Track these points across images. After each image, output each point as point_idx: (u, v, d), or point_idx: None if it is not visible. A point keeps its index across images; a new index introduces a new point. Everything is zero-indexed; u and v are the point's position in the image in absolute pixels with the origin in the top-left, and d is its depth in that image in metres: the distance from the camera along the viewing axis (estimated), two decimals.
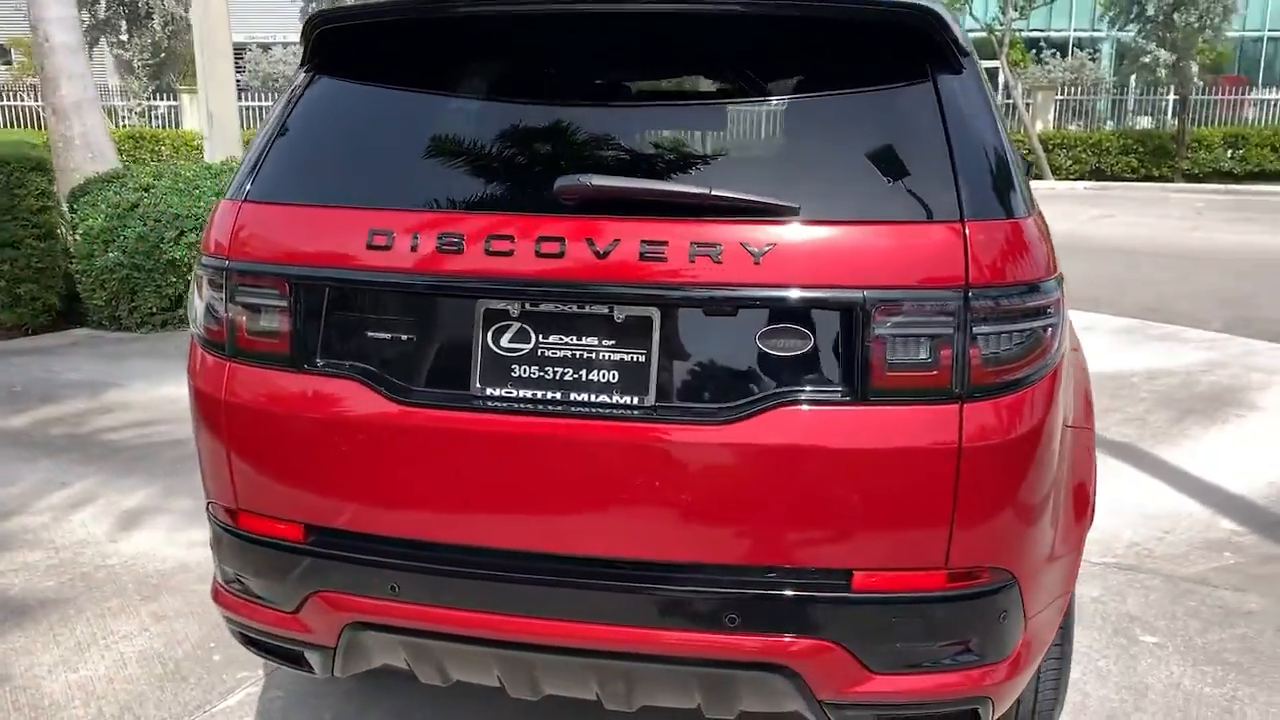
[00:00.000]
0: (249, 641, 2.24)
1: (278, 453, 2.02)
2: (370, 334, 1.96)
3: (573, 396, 1.86)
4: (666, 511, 1.84)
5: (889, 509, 1.82)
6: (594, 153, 1.95)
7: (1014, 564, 1.90)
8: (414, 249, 1.89)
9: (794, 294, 1.78)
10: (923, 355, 1.79)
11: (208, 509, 2.21)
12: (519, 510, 1.91)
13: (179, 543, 3.82)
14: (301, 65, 2.19)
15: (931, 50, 1.91)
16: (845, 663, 1.85)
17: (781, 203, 1.81)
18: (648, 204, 1.84)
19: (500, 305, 1.88)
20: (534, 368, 1.88)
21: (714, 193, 1.81)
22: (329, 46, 2.15)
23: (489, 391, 1.88)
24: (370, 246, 1.92)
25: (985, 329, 1.79)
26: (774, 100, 2.02)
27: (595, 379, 1.85)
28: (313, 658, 2.13)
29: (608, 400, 1.85)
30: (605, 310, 1.84)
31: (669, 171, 1.92)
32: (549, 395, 1.87)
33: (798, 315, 1.80)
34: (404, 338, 1.94)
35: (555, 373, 1.87)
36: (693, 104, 2.06)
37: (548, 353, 1.87)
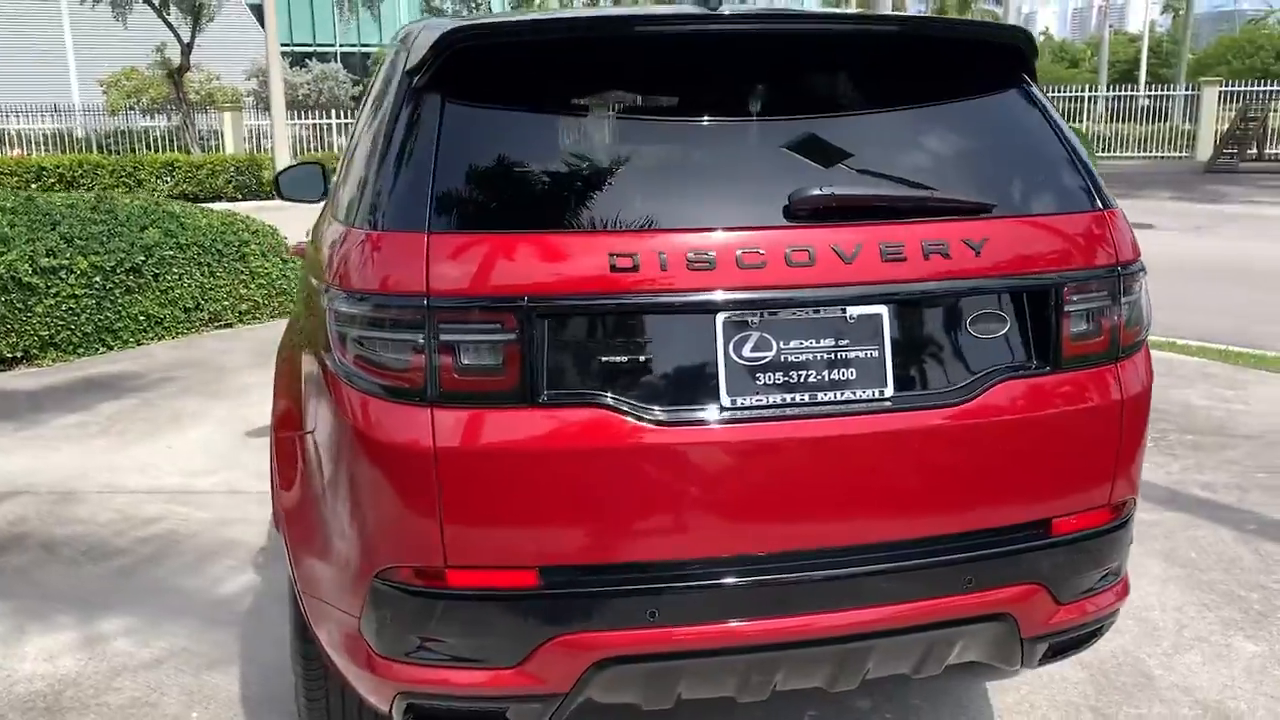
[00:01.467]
0: (427, 714, 2.05)
1: (507, 496, 1.89)
2: (607, 358, 1.90)
3: (818, 397, 1.95)
4: (911, 492, 2.00)
5: (1077, 459, 2.12)
6: (809, 165, 2.04)
7: (1136, 493, 2.28)
8: (661, 268, 1.88)
9: (1006, 281, 2.03)
10: (1093, 325, 2.10)
11: (374, 577, 1.98)
12: (771, 513, 1.96)
13: (32, 656, 3.20)
14: (429, 85, 2.04)
15: (1029, 66, 2.24)
16: (1045, 600, 2.13)
17: (982, 200, 2.05)
18: (874, 209, 1.99)
19: (741, 316, 1.92)
20: (777, 374, 1.94)
21: (935, 195, 2.00)
22: (475, 65, 2.03)
23: (737, 402, 1.92)
24: (614, 269, 1.87)
25: (1127, 299, 2.15)
26: (929, 110, 2.23)
27: (836, 378, 1.96)
28: (524, 713, 2.01)
29: (851, 396, 1.96)
30: (839, 312, 1.96)
31: (877, 179, 2.07)
32: (794, 398, 1.94)
33: (1008, 299, 2.05)
34: (640, 359, 1.91)
35: (797, 376, 1.95)
36: (872, 115, 2.21)
37: (789, 358, 1.95)
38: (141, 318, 7.08)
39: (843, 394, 1.96)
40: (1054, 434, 2.08)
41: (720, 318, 1.91)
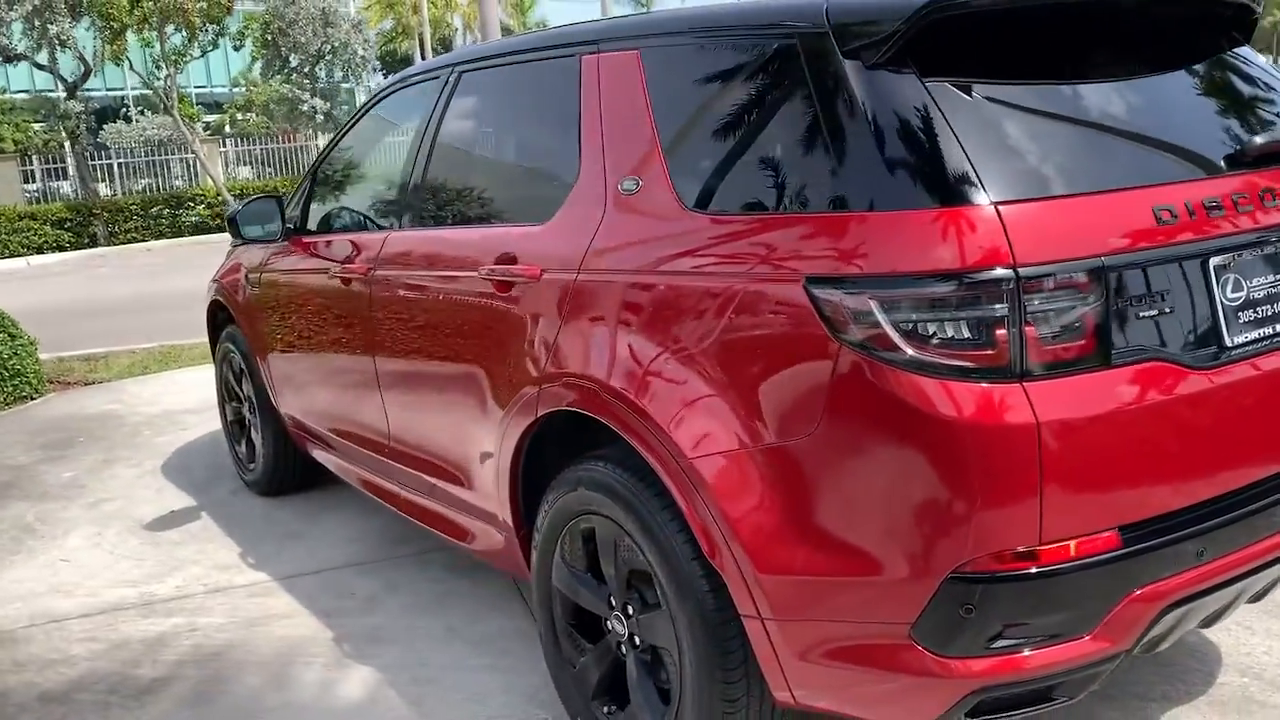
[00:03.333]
0: (991, 708, 1.98)
1: (1095, 461, 1.88)
2: (1154, 312, 1.95)
3: None
4: None
5: None
6: (1248, 113, 2.20)
7: None
8: (1190, 216, 1.98)
9: None
10: None
11: (949, 574, 1.88)
12: (1273, 438, 2.10)
13: None
14: (899, 60, 1.96)
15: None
16: None
17: None
18: None
19: (1233, 259, 2.05)
20: (1260, 310, 2.09)
21: None
22: (933, 37, 1.98)
23: (1236, 340, 2.05)
24: (1159, 222, 1.94)
25: None
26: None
27: None
28: (1083, 680, 2.01)
29: None
30: None
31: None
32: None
33: None
34: (1176, 308, 1.98)
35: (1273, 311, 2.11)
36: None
37: (1262, 295, 2.10)
38: None
39: None
40: None
41: (1215, 261, 2.03)
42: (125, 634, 3.48)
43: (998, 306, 1.81)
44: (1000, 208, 1.84)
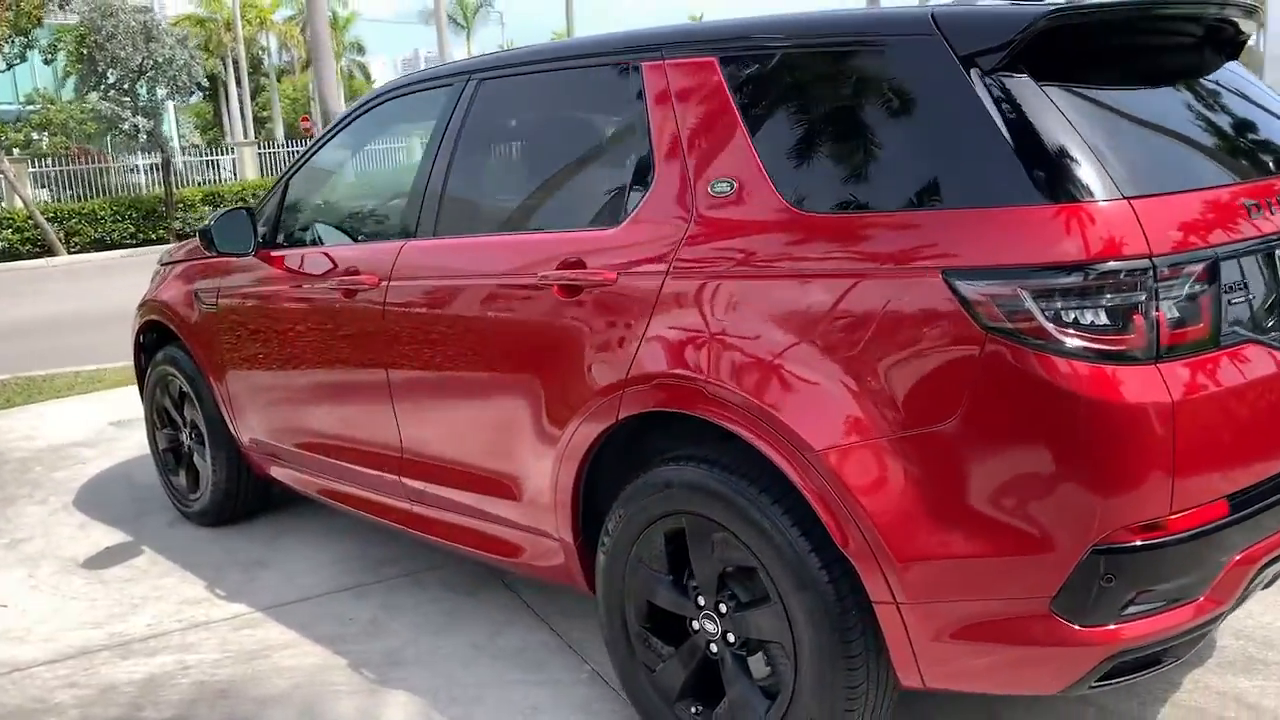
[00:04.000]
0: (1120, 671, 2.11)
1: (1214, 435, 2.04)
2: (1248, 297, 2.13)
3: None
4: None
5: None
6: None
7: None
8: (1270, 212, 2.17)
9: None
10: None
11: (1090, 548, 1.99)
12: None
13: None
14: (1014, 66, 2.09)
15: None
16: None
17: None
18: None
19: None
20: None
21: None
22: (1045, 44, 2.11)
23: None
24: (1250, 215, 2.13)
25: None
26: None
27: None
28: (1189, 642, 2.17)
29: None
30: None
31: None
32: None
33: None
34: (1258, 295, 2.17)
35: None
36: None
37: None
38: None
39: None
40: None
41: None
42: (110, 677, 3.24)
43: (1138, 294, 1.94)
44: (1133, 202, 1.98)
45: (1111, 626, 2.03)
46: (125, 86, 20.17)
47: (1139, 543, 2.00)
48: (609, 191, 2.76)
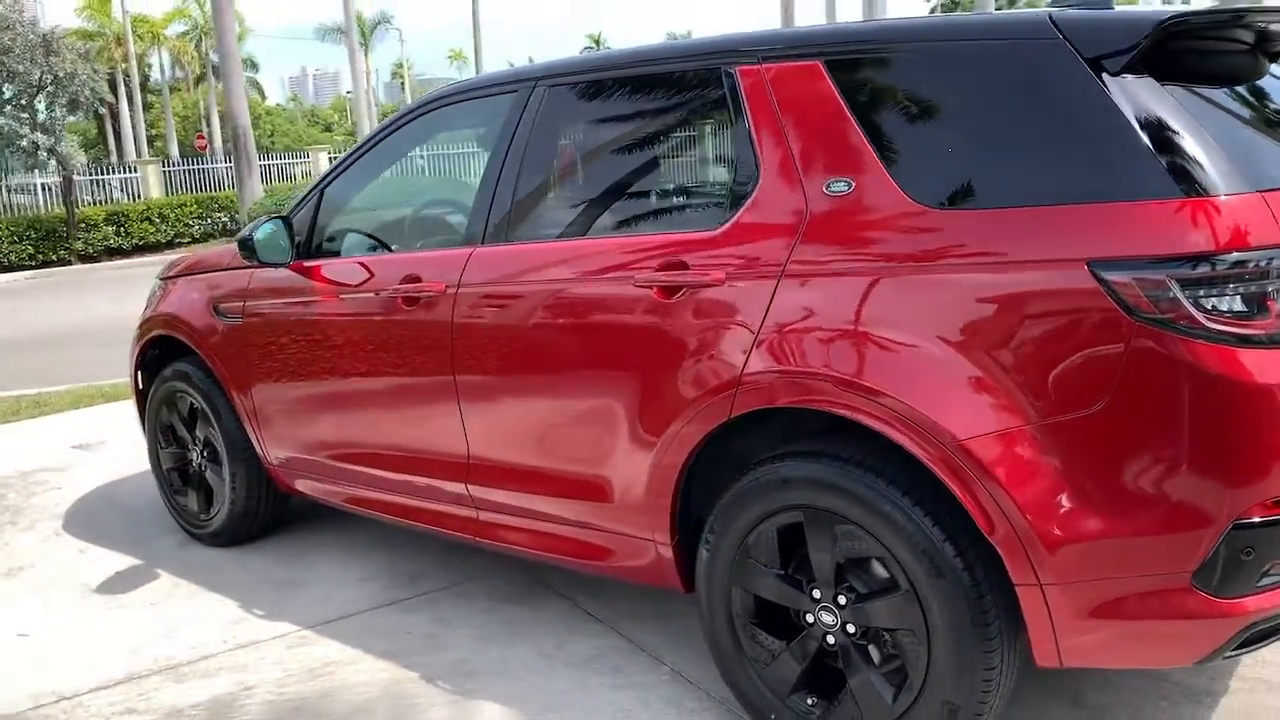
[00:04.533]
0: (1252, 640, 2.22)
1: None
2: None
3: None
4: None
5: None
6: None
7: None
8: None
9: None
10: None
11: (1232, 523, 2.10)
12: None
13: None
14: (1136, 68, 2.21)
15: None
16: None
17: None
18: None
19: None
20: None
21: None
22: (1169, 46, 2.23)
23: None
24: None
25: None
26: None
27: None
28: None
29: None
30: None
31: None
32: None
33: None
34: None
35: None
36: None
37: None
38: None
39: None
40: None
41: None
42: (170, 702, 3.13)
43: (1275, 280, 2.07)
44: (1265, 195, 2.11)
45: (1248, 598, 2.15)
46: (23, 102, 19.37)
47: (1269, 519, 2.11)
48: (703, 194, 2.81)
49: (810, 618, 2.59)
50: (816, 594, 2.56)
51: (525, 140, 3.13)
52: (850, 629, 2.53)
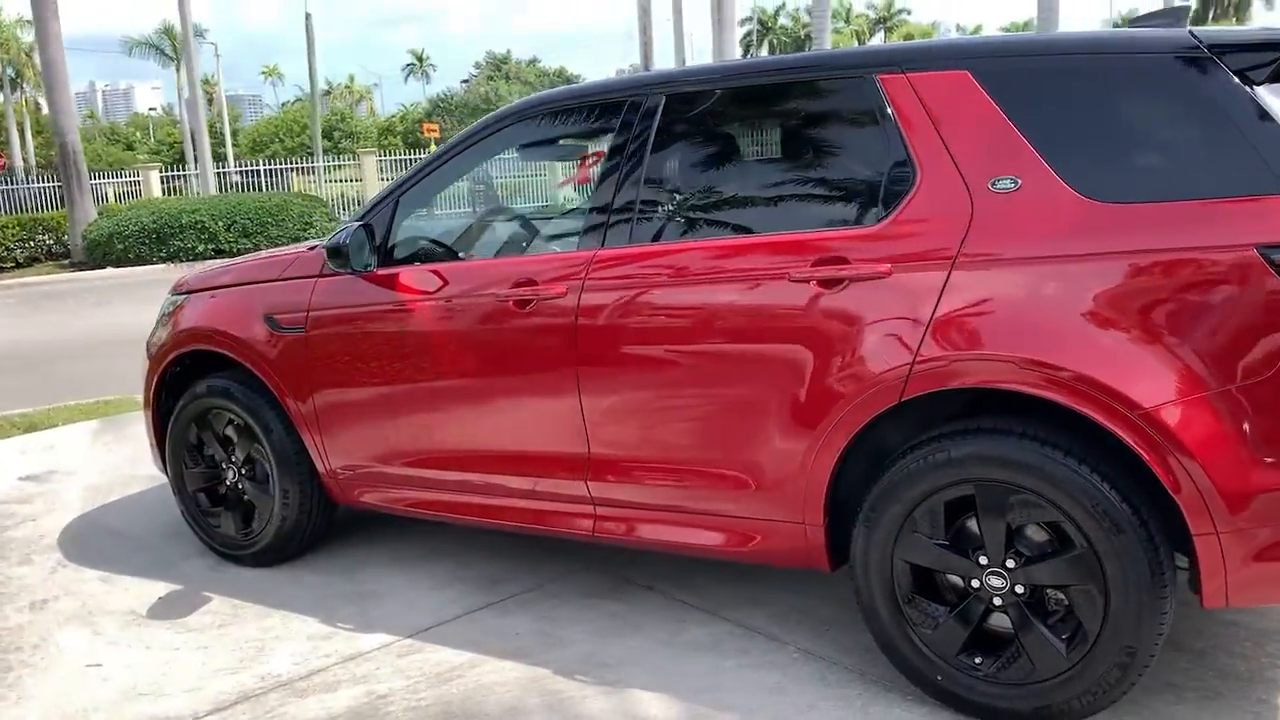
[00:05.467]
0: None
1: None
2: None
3: None
4: None
5: None
6: None
7: None
8: None
9: None
10: None
11: None
12: None
13: None
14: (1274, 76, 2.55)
15: None
16: None
17: None
18: None
19: None
20: None
21: None
22: None
23: None
24: None
25: None
26: None
27: None
28: None
29: None
30: None
31: None
32: None
33: None
34: None
35: None
36: None
37: None
38: None
39: None
40: None
41: None
42: (307, 716, 3.07)
43: None
44: None
45: None
46: None
47: None
48: (847, 193, 3.00)
49: (976, 582, 2.81)
50: (983, 560, 2.78)
51: (647, 146, 3.25)
52: (1019, 589, 2.75)
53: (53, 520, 5.01)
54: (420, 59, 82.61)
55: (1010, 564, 2.75)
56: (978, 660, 2.84)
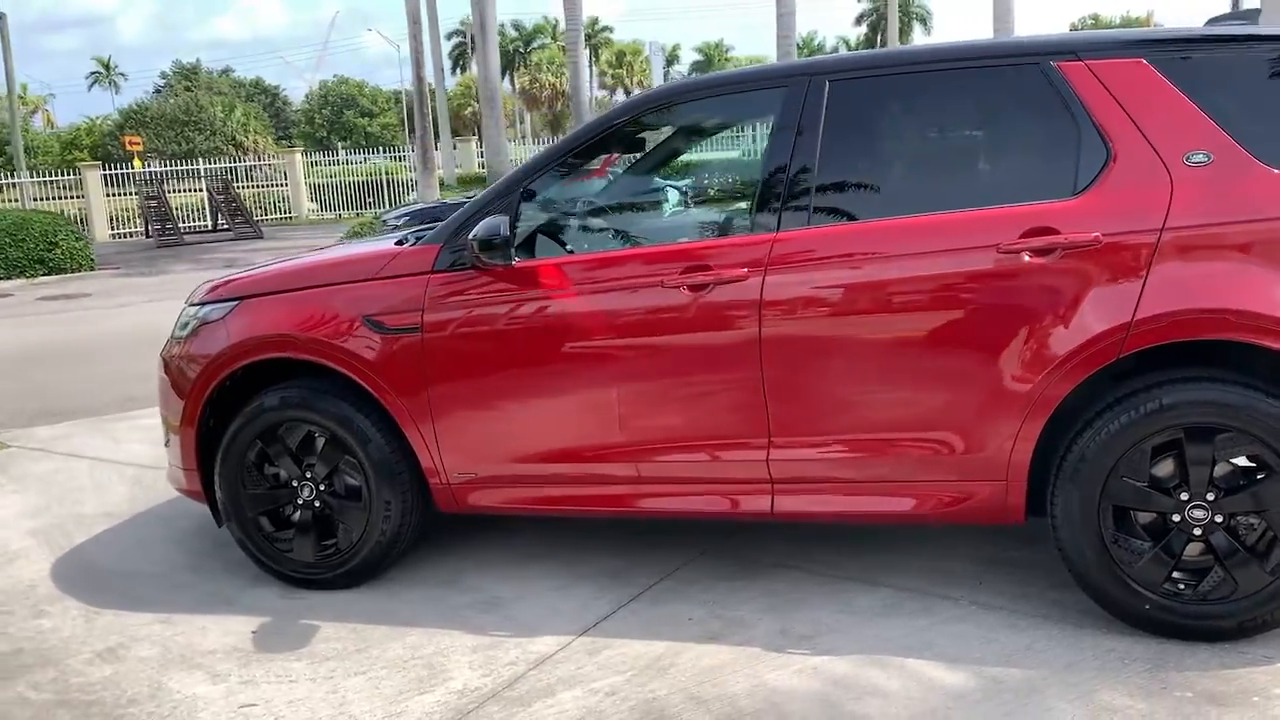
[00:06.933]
0: None
1: None
2: None
3: None
4: None
5: None
6: None
7: None
8: None
9: None
10: None
11: None
12: None
13: None
14: None
15: None
16: None
17: None
18: None
19: None
20: None
21: None
22: None
23: None
24: None
25: None
26: None
27: None
28: None
29: None
30: None
31: None
32: None
33: None
34: None
35: None
36: None
37: None
38: None
39: None
40: None
41: None
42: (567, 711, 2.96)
43: None
44: None
45: None
46: None
47: None
48: (1042, 169, 3.25)
49: (1178, 516, 3.12)
50: (1185, 495, 3.10)
51: (817, 130, 3.35)
52: (1219, 518, 3.10)
53: (41, 563, 4.41)
54: (107, 67, 76.31)
55: (1210, 496, 3.08)
56: (1182, 585, 3.16)
